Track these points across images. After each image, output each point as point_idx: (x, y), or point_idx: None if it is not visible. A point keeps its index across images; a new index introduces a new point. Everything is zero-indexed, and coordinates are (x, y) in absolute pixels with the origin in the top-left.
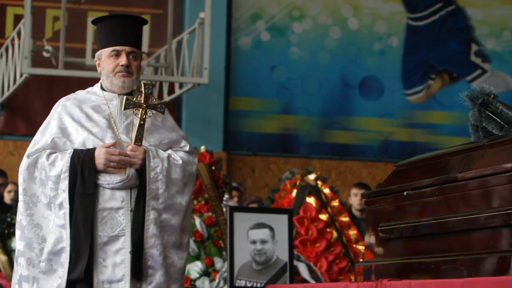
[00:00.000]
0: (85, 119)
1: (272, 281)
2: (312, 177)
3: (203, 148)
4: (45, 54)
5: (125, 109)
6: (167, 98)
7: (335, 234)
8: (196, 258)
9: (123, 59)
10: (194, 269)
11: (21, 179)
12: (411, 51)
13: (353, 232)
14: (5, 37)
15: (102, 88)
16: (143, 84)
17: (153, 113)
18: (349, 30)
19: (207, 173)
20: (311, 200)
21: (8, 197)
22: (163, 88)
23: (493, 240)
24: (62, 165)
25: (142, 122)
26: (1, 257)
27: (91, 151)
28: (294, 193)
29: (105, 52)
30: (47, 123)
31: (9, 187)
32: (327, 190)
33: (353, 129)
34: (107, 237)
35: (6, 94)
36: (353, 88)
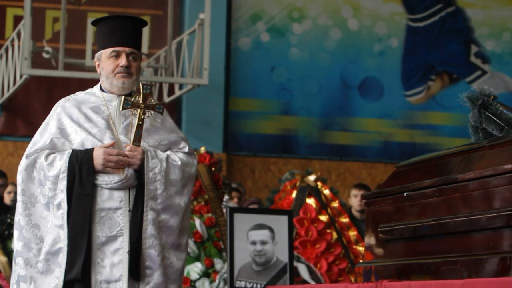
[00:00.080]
0: (84, 119)
1: (272, 282)
2: (312, 178)
3: (203, 149)
4: (45, 55)
5: (123, 109)
6: (167, 99)
7: (335, 235)
8: (196, 259)
9: (123, 60)
10: (194, 270)
11: (19, 179)
12: (411, 52)
13: (353, 233)
14: (5, 38)
15: (101, 89)
16: (141, 84)
17: (151, 114)
18: (349, 31)
19: (207, 174)
20: (311, 201)
21: (8, 198)
22: (163, 89)
23: (494, 241)
24: (61, 166)
25: (140, 123)
26: (1, 258)
27: (89, 151)
28: (294, 194)
29: (105, 53)
30: (46, 123)
31: (9, 188)
32: (327, 191)
33: (353, 130)
34: (105, 237)
35: (6, 95)
36: (353, 89)
